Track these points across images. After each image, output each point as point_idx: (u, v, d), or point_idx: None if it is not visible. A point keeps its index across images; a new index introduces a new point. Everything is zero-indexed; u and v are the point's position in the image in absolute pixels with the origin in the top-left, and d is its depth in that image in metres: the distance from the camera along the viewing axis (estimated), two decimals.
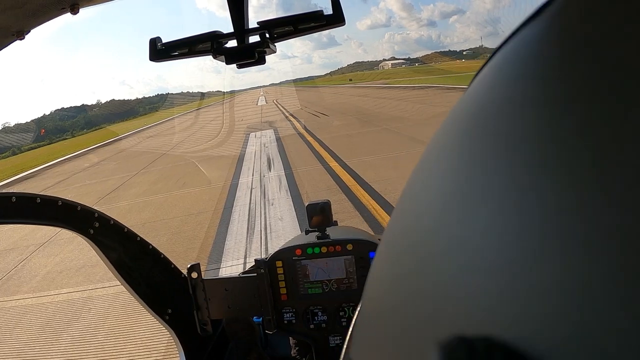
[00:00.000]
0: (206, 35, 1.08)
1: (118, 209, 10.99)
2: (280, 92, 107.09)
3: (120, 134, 47.98)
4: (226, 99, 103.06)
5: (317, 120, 27.95)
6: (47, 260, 7.92)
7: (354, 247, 2.07)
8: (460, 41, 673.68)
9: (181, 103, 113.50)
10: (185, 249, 7.12)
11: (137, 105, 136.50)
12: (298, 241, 2.15)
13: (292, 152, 15.59)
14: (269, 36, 1.06)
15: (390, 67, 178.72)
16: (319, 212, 2.11)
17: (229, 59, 1.08)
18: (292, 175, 11.61)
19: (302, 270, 2.10)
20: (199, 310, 2.03)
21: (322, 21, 1.02)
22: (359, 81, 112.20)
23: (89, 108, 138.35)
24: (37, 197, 1.60)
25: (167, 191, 12.36)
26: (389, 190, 8.70)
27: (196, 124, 44.37)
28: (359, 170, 10.81)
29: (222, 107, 67.07)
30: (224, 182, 12.06)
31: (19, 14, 1.04)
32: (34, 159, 35.86)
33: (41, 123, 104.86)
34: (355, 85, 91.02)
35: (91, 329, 5.20)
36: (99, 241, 1.85)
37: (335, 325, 2.13)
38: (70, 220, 1.74)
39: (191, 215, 9.26)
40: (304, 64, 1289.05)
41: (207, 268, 6.14)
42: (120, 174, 17.32)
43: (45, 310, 5.94)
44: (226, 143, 22.03)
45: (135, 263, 2.01)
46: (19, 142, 60.23)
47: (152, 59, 1.10)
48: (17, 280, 7.20)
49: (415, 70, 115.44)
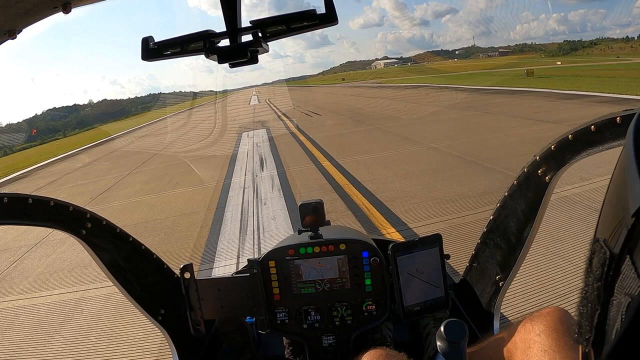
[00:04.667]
0: (198, 35, 1.08)
1: (110, 209, 10.93)
2: (272, 91, 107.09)
3: (113, 133, 47.72)
4: (218, 99, 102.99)
5: (309, 119, 27.94)
6: (40, 262, 7.86)
7: (346, 247, 2.08)
8: (452, 40, 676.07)
9: (173, 103, 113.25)
10: (178, 250, 7.09)
11: (129, 105, 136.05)
12: (291, 241, 2.15)
13: (285, 151, 15.58)
14: (261, 35, 1.06)
15: (383, 67, 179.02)
16: (311, 211, 2.11)
17: (221, 58, 1.08)
18: (284, 175, 11.60)
19: (295, 270, 2.10)
20: (192, 310, 2.02)
21: (314, 20, 1.02)
22: (352, 80, 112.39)
23: (81, 108, 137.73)
24: (29, 197, 1.59)
25: (160, 191, 12.31)
26: (382, 189, 8.72)
27: (188, 123, 44.23)
28: (351, 170, 10.83)
29: (215, 107, 66.98)
30: (217, 182, 12.03)
31: (11, 13, 1.04)
32: (26, 159, 35.61)
33: (33, 123, 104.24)
34: (347, 84, 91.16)
35: (84, 330, 5.16)
36: (91, 242, 1.84)
37: (329, 324, 2.13)
38: (62, 221, 1.73)
39: (184, 215, 9.23)
40: (297, 63, 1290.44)
41: (200, 268, 6.12)
42: (112, 174, 17.23)
43: (38, 311, 5.89)
44: (219, 143, 21.99)
45: (128, 264, 2.01)
46: (10, 142, 59.83)
47: (144, 58, 1.10)
48: (10, 282, 7.14)
49: (408, 69, 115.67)
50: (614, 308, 0.42)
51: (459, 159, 10.52)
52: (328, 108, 34.48)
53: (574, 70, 45.35)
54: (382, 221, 6.91)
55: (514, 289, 4.20)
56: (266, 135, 21.85)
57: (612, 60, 68.96)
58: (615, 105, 15.23)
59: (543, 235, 5.24)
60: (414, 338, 2.23)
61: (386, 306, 2.09)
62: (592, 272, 0.47)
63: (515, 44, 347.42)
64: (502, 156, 9.99)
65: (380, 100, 36.33)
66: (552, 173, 1.50)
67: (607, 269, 0.44)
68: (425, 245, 1.96)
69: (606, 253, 0.44)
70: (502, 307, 2.01)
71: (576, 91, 22.70)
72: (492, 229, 1.89)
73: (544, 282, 4.40)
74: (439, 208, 7.20)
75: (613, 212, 0.47)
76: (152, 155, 21.10)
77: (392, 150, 12.86)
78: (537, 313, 1.42)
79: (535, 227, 1.67)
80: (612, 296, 0.43)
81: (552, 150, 1.46)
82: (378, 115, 23.93)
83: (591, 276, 0.47)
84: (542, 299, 4.13)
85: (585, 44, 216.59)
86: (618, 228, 0.44)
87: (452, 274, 2.61)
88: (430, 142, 13.09)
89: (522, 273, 1.96)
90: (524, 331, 1.40)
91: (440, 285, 1.98)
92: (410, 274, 1.95)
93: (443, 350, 1.36)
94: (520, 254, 1.77)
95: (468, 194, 7.62)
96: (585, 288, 0.48)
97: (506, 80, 38.43)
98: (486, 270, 2.00)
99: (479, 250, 2.03)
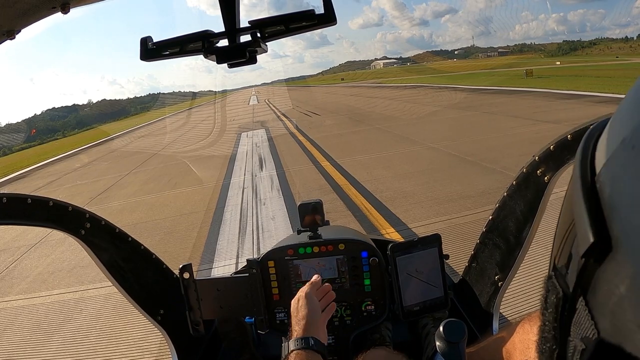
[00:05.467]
0: (197, 35, 1.08)
1: (110, 209, 10.93)
2: (272, 91, 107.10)
3: (112, 133, 47.74)
4: (218, 99, 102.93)
5: (308, 119, 27.95)
6: (39, 262, 7.86)
7: (346, 247, 2.08)
8: (452, 40, 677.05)
9: (172, 103, 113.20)
10: (177, 250, 7.09)
11: (128, 105, 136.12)
12: (290, 241, 2.15)
13: (284, 151, 15.58)
14: (260, 35, 1.05)
15: (382, 67, 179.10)
16: (311, 211, 2.11)
17: (220, 59, 1.08)
18: (283, 175, 11.61)
19: (294, 270, 2.10)
20: (191, 310, 2.01)
21: (313, 20, 1.02)
22: (351, 80, 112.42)
23: (80, 108, 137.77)
24: (28, 197, 1.59)
25: (159, 191, 12.31)
26: (381, 189, 8.73)
27: (188, 123, 44.24)
28: (350, 170, 10.83)
29: (214, 107, 66.96)
30: (216, 182, 12.03)
31: (10, 14, 1.04)
32: (25, 159, 35.61)
33: (32, 123, 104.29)
34: (347, 84, 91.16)
35: (83, 330, 5.16)
36: (91, 242, 1.84)
37: (328, 324, 2.13)
38: (61, 221, 1.73)
39: (183, 215, 9.23)
40: (296, 63, 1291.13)
41: (199, 268, 6.12)
42: (111, 174, 17.23)
43: (37, 311, 5.89)
44: (218, 143, 21.99)
45: (127, 264, 2.00)
46: (9, 142, 59.84)
47: (143, 59, 1.10)
48: (9, 282, 7.14)
49: (407, 69, 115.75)
50: (571, 350, 0.40)
51: (458, 159, 10.52)
52: (327, 108, 34.50)
53: (573, 70, 45.39)
54: (382, 221, 6.91)
55: (513, 289, 4.21)
56: (265, 135, 21.85)
57: (611, 60, 69.04)
58: (614, 105, 15.12)
59: (542, 235, 5.24)
60: (413, 338, 2.22)
61: (385, 306, 2.09)
62: (547, 310, 0.46)
63: (515, 44, 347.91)
64: (502, 156, 10.00)
65: (379, 100, 36.35)
66: (551, 173, 1.49)
67: (562, 309, 0.42)
68: (424, 245, 1.96)
69: (559, 292, 0.43)
70: (501, 307, 2.01)
71: (575, 91, 22.73)
72: (491, 229, 1.89)
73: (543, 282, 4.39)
74: (438, 208, 7.20)
75: (564, 245, 0.46)
76: (151, 156, 21.10)
77: (391, 150, 12.87)
78: (535, 313, 1.42)
79: (535, 228, 1.67)
80: (568, 336, 0.41)
81: (551, 150, 1.45)
82: (377, 115, 23.94)
83: (547, 314, 0.46)
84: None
85: (585, 44, 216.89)
86: (570, 265, 0.42)
87: (452, 274, 2.61)
88: (430, 142, 13.10)
89: (521, 273, 1.96)
90: (522, 331, 1.40)
91: (439, 285, 1.98)
92: (409, 274, 1.95)
93: (442, 350, 1.35)
94: (520, 254, 1.77)
95: (467, 194, 7.62)
96: (542, 326, 0.47)
97: (505, 80, 38.48)
98: (485, 271, 2.00)
99: (478, 250, 2.03)
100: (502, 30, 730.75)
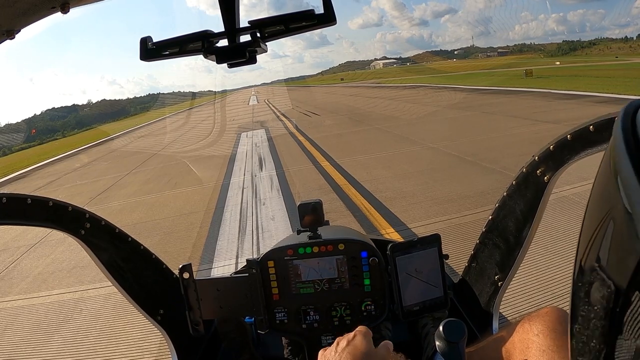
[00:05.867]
0: (197, 35, 1.08)
1: (109, 209, 10.93)
2: (271, 91, 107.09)
3: (112, 133, 47.69)
4: (217, 99, 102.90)
5: (308, 119, 27.95)
6: (39, 262, 7.86)
7: (345, 247, 2.07)
8: (451, 41, 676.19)
9: (172, 103, 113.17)
10: (177, 250, 7.09)
11: (128, 105, 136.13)
12: (290, 241, 2.15)
13: (284, 151, 15.58)
14: (259, 35, 1.06)
15: (382, 67, 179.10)
16: (310, 211, 2.11)
17: (219, 59, 1.08)
18: (283, 175, 11.60)
19: (294, 270, 2.09)
20: (191, 310, 2.01)
21: (313, 20, 1.02)
22: (351, 80, 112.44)
23: (80, 108, 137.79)
24: (27, 197, 1.59)
25: (159, 191, 12.31)
26: (381, 189, 8.73)
27: (187, 123, 44.23)
28: (350, 170, 10.83)
29: (214, 107, 66.94)
30: (216, 182, 12.03)
31: (9, 13, 1.03)
32: (25, 159, 35.58)
33: (32, 123, 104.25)
34: (346, 84, 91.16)
35: (83, 330, 5.16)
36: (90, 242, 1.84)
37: (328, 324, 2.12)
38: (61, 221, 1.72)
39: (183, 215, 9.23)
40: (296, 63, 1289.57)
41: (199, 268, 6.12)
42: (111, 174, 17.22)
43: (37, 311, 5.89)
44: (218, 143, 21.99)
45: (127, 264, 2.00)
46: (9, 143, 59.81)
47: (142, 59, 1.10)
48: (9, 282, 7.14)
49: (407, 69, 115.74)
50: (624, 350, 0.37)
51: (457, 159, 10.53)
52: (327, 108, 34.51)
53: (572, 71, 45.39)
54: (381, 221, 6.91)
55: (513, 289, 4.21)
56: (265, 135, 21.85)
57: (610, 61, 69.02)
58: (613, 105, 15.24)
59: (542, 235, 5.24)
60: (412, 338, 2.22)
61: (385, 306, 2.09)
62: (592, 305, 0.41)
63: (514, 44, 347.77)
64: (501, 156, 10.00)
65: (379, 100, 36.35)
66: (551, 173, 1.50)
67: (614, 305, 0.38)
68: (424, 245, 1.96)
69: (610, 286, 0.39)
70: (501, 307, 2.01)
71: (575, 91, 22.73)
72: (491, 229, 1.89)
73: (543, 282, 4.40)
74: (437, 208, 7.20)
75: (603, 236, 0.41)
76: (151, 156, 21.09)
77: (391, 150, 12.87)
78: (535, 313, 1.42)
79: (534, 227, 1.67)
80: (620, 335, 0.38)
81: (551, 150, 1.45)
82: (377, 115, 23.95)
83: (589, 310, 0.42)
84: (541, 299, 4.14)
85: (584, 44, 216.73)
86: (620, 257, 0.38)
87: (451, 274, 2.61)
88: (429, 142, 13.10)
89: (521, 273, 1.97)
90: (522, 331, 1.40)
91: (439, 285, 1.98)
92: (409, 274, 1.95)
93: (442, 349, 1.35)
94: (519, 254, 1.77)
95: (467, 194, 7.62)
96: (582, 324, 0.43)
97: (505, 81, 38.48)
98: (485, 270, 2.00)
99: (478, 250, 2.03)
100: (501, 30, 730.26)
